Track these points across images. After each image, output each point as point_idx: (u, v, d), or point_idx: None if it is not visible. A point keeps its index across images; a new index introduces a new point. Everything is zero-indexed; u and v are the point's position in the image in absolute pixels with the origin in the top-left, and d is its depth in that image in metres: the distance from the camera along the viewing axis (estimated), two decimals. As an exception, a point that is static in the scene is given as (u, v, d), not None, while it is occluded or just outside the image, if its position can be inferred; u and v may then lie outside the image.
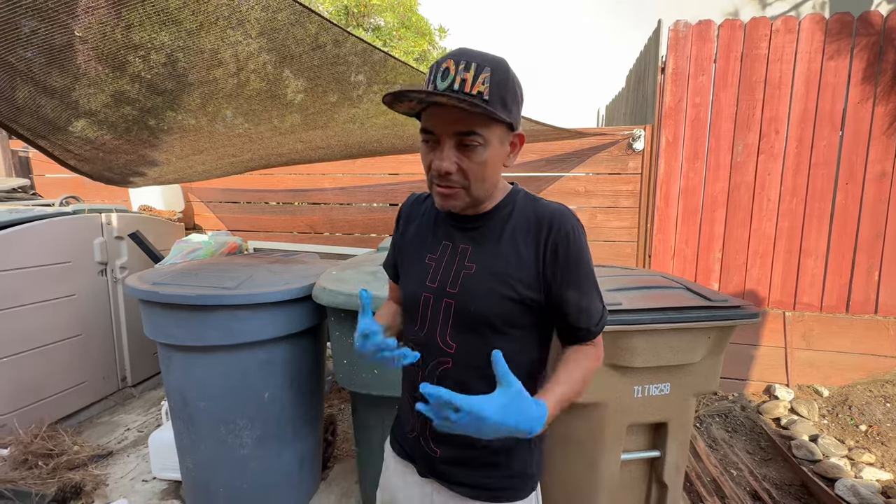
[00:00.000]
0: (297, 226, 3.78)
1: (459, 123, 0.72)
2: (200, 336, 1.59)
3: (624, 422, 1.56)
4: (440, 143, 0.74)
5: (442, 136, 0.74)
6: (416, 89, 0.69)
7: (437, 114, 0.74)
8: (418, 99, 0.71)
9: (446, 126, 0.73)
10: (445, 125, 0.73)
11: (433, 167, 0.75)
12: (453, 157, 0.74)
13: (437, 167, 0.74)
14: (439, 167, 0.74)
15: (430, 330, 0.83)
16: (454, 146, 0.74)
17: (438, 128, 0.74)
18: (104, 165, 1.93)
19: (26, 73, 1.32)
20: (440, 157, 0.74)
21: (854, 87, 2.81)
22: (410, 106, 0.75)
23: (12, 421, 2.25)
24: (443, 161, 0.73)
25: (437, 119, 0.74)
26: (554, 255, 0.79)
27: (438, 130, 0.74)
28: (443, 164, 0.73)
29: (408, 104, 0.74)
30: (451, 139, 0.73)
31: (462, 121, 0.72)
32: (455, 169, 0.74)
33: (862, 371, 2.91)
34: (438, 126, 0.74)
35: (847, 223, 2.92)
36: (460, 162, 0.74)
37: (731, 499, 2.05)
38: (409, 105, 0.75)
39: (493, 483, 0.85)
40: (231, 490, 1.75)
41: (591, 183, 3.29)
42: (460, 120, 0.72)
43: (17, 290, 2.29)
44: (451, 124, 0.73)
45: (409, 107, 0.75)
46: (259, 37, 1.36)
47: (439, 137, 0.74)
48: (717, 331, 1.51)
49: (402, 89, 0.70)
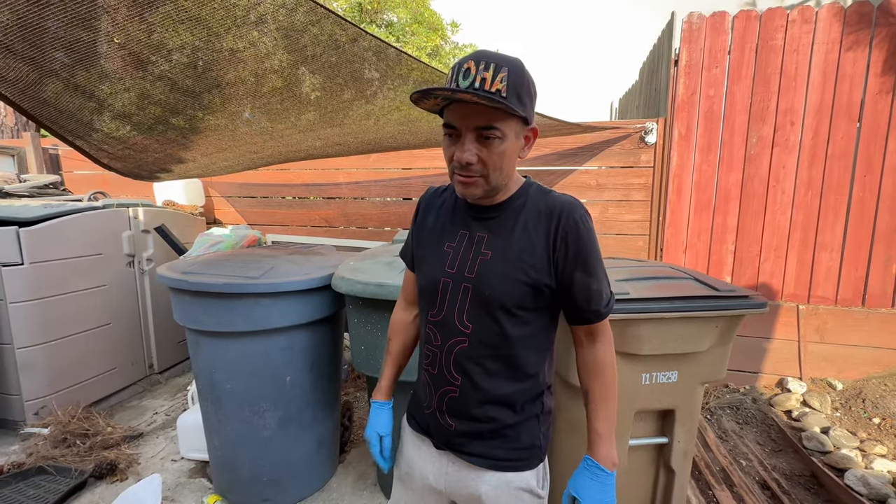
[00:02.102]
0: (313, 219, 3.88)
1: (479, 118, 0.79)
2: (226, 322, 1.69)
3: (632, 408, 1.61)
4: (462, 137, 0.81)
5: (463, 130, 0.80)
6: (442, 87, 0.76)
7: (458, 110, 0.80)
8: (443, 96, 0.78)
9: (467, 121, 0.80)
10: (466, 120, 0.80)
11: (455, 158, 0.82)
12: (474, 149, 0.80)
13: (458, 158, 0.81)
14: (461, 158, 0.80)
15: (448, 312, 0.90)
16: (475, 139, 0.80)
17: (460, 122, 0.80)
18: (135, 163, 2.03)
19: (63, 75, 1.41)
20: (462, 148, 0.80)
21: (873, 79, 2.77)
22: (435, 103, 0.82)
23: (51, 403, 2.39)
24: (464, 153, 0.80)
25: (459, 114, 0.80)
26: (564, 243, 0.85)
27: (460, 125, 0.80)
28: (464, 155, 0.80)
29: (433, 101, 0.81)
30: (472, 133, 0.80)
31: (482, 116, 0.78)
32: (476, 160, 0.80)
33: (877, 365, 2.88)
34: (460, 121, 0.80)
35: (864, 216, 2.88)
36: (480, 153, 0.80)
37: (740, 487, 2.08)
38: (434, 102, 0.81)
39: (505, 454, 0.91)
40: (254, 468, 1.85)
41: (603, 176, 3.30)
42: (480, 115, 0.78)
43: (54, 280, 2.43)
44: (471, 119, 0.79)
45: (433, 104, 0.82)
46: (278, 35, 1.43)
47: (461, 131, 0.81)
48: (724, 320, 1.54)
49: (428, 88, 0.76)
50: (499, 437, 0.90)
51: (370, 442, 1.07)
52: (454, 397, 0.90)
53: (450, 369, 0.90)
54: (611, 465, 0.88)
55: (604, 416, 0.90)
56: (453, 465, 0.94)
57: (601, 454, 0.89)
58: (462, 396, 0.89)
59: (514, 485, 0.90)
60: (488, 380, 0.88)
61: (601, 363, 0.91)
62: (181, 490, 2.04)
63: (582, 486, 0.88)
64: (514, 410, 0.90)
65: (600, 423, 0.90)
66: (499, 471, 0.90)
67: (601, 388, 0.91)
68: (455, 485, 0.94)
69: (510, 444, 0.91)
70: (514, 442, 0.91)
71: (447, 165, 0.85)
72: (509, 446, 0.91)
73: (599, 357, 0.91)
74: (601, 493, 0.87)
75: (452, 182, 0.87)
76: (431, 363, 0.93)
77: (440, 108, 0.84)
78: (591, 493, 0.87)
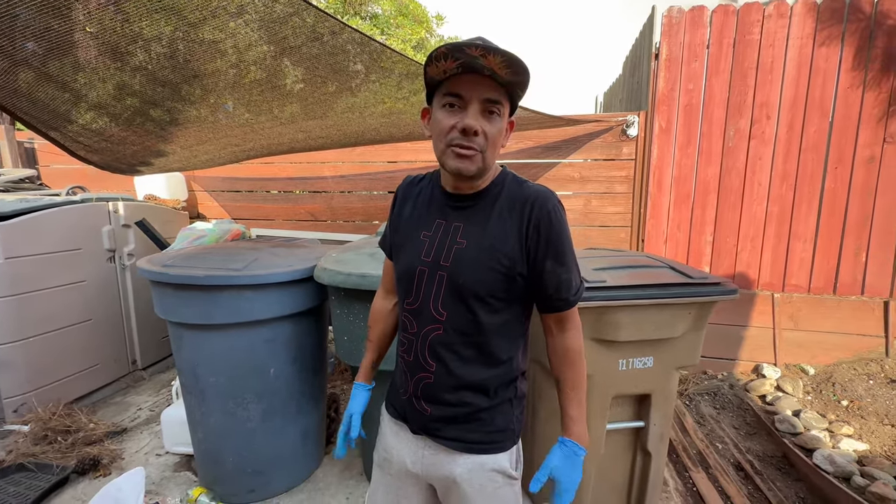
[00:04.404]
0: (299, 213, 3.86)
1: (489, 91, 0.81)
2: (209, 315, 1.68)
3: (609, 393, 1.65)
4: (467, 107, 0.82)
5: (471, 100, 0.81)
6: (474, 43, 0.75)
7: (469, 80, 0.81)
8: (467, 58, 0.77)
9: (478, 91, 0.81)
10: (477, 90, 0.81)
11: (459, 126, 0.81)
12: (479, 120, 0.82)
13: (466, 125, 0.80)
14: (468, 125, 0.80)
15: (423, 299, 0.91)
16: (480, 111, 0.82)
17: (469, 92, 0.81)
18: (112, 156, 2.00)
19: (35, 65, 1.38)
20: (468, 116, 0.81)
21: (844, 73, 2.85)
22: (448, 67, 0.80)
23: (31, 400, 2.36)
24: (471, 119, 0.81)
25: (469, 84, 0.81)
26: (536, 232, 0.87)
27: (468, 95, 0.81)
28: (472, 122, 0.81)
29: (445, 64, 0.80)
30: (479, 104, 0.81)
31: (492, 89, 0.81)
32: (481, 130, 0.82)
33: (847, 350, 3.00)
34: (469, 90, 0.81)
35: (836, 207, 2.98)
36: (483, 126, 0.82)
37: (715, 469, 2.16)
38: (449, 65, 0.80)
39: (479, 437, 0.94)
40: (239, 460, 1.86)
41: (587, 169, 3.35)
42: (490, 88, 0.81)
43: (31, 276, 2.39)
44: (482, 90, 0.81)
45: (445, 67, 0.80)
46: (257, 26, 1.42)
47: (468, 102, 0.81)
48: (697, 306, 1.59)
49: (460, 43, 0.76)
50: (473, 420, 0.93)
51: (342, 421, 1.10)
52: (429, 383, 0.92)
53: (425, 356, 0.92)
54: (583, 444, 0.93)
55: (577, 402, 0.94)
56: (430, 449, 0.96)
57: (575, 434, 0.93)
58: (437, 382, 0.92)
59: (487, 466, 0.93)
60: (463, 366, 0.91)
61: (572, 351, 0.94)
62: (166, 483, 2.04)
63: (557, 464, 0.92)
64: (487, 395, 0.93)
65: (573, 408, 0.94)
66: (473, 453, 0.93)
67: (573, 374, 0.94)
68: (431, 468, 0.96)
69: (484, 428, 0.94)
70: (488, 426, 0.94)
71: (441, 141, 0.84)
72: (484, 430, 0.94)
73: (569, 344, 0.94)
74: (572, 470, 0.91)
75: (445, 158, 0.85)
76: (407, 350, 0.95)
77: (444, 78, 0.83)
78: (565, 469, 0.91)
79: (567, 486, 0.91)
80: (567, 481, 0.91)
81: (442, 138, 0.84)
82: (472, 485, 0.93)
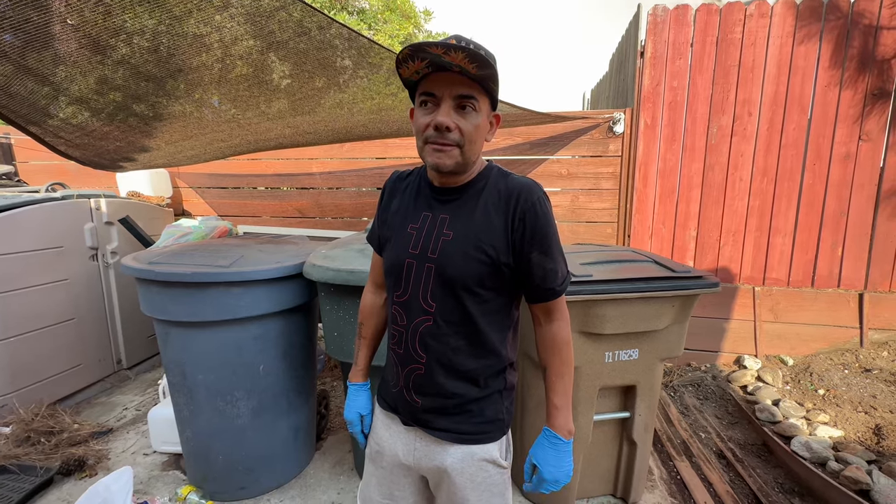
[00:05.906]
0: (286, 210, 3.83)
1: (461, 87, 0.83)
2: (196, 312, 1.67)
3: (596, 385, 1.69)
4: (440, 104, 0.84)
5: (444, 97, 0.84)
6: (436, 42, 0.78)
7: (440, 78, 0.83)
8: (433, 56, 0.79)
9: (450, 88, 0.83)
10: (448, 87, 0.83)
11: (433, 122, 0.84)
12: (453, 116, 0.84)
13: (438, 122, 0.83)
14: (440, 122, 0.83)
15: (412, 292, 0.93)
16: (453, 108, 0.84)
17: (441, 90, 0.83)
18: (94, 151, 1.97)
19: (13, 57, 1.35)
20: (440, 113, 0.83)
21: (822, 72, 2.93)
22: (418, 66, 0.83)
23: (12, 401, 2.31)
24: (442, 116, 0.83)
25: (441, 82, 0.83)
26: (522, 223, 0.89)
27: (440, 92, 0.83)
28: (442, 118, 0.83)
29: (417, 64, 0.82)
30: (452, 101, 0.84)
31: (463, 85, 0.83)
32: (454, 126, 0.84)
33: (824, 341, 3.10)
34: (441, 88, 0.83)
35: (813, 202, 3.07)
36: (458, 122, 0.84)
37: (699, 457, 2.22)
38: (418, 65, 0.82)
39: (469, 428, 0.95)
40: (229, 457, 1.85)
41: (574, 166, 3.39)
42: (462, 84, 0.83)
43: (11, 275, 2.33)
44: (454, 87, 0.83)
45: (416, 67, 0.83)
46: (243, 20, 1.41)
47: (440, 99, 0.84)
48: (680, 299, 1.63)
49: (422, 43, 0.78)
50: (463, 411, 0.95)
51: (352, 422, 1.10)
52: (420, 375, 0.94)
53: (415, 348, 0.93)
54: (567, 433, 0.94)
55: (562, 391, 0.95)
56: (421, 440, 0.98)
57: (559, 424, 0.94)
58: (427, 374, 0.93)
59: (478, 456, 0.95)
60: (453, 357, 0.92)
61: (559, 340, 0.96)
62: (154, 483, 2.02)
63: (542, 454, 0.94)
64: (477, 386, 0.95)
65: (558, 397, 0.95)
66: (464, 444, 0.95)
67: (559, 364, 0.96)
68: (423, 459, 0.98)
69: (474, 419, 0.95)
70: (478, 416, 0.95)
71: (420, 138, 0.87)
72: (474, 420, 0.95)
73: (556, 334, 0.96)
74: (558, 460, 0.93)
75: (424, 155, 0.88)
76: (398, 342, 0.96)
77: (419, 78, 0.86)
78: (550, 459, 0.93)
79: (547, 475, 0.93)
80: (547, 471, 0.93)
81: (420, 136, 0.87)
82: (463, 475, 0.95)
